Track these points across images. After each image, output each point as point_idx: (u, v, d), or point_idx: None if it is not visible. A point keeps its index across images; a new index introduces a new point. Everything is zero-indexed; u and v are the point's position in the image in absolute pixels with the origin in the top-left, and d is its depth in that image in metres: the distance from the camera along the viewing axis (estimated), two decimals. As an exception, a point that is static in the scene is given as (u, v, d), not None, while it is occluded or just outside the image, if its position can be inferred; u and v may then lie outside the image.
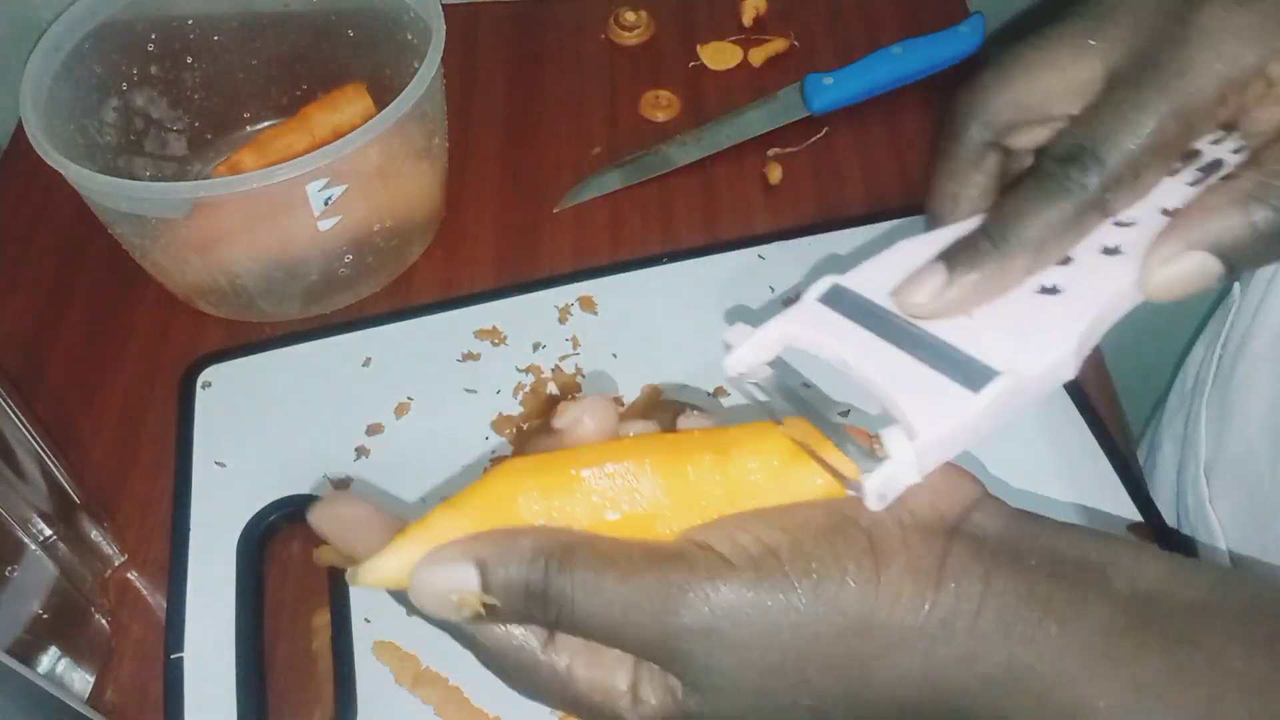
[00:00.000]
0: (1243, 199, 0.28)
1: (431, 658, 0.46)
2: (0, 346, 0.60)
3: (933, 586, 0.27)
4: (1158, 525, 0.49)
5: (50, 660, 0.45)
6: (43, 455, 0.47)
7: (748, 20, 0.76)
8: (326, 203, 0.53)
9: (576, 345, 0.57)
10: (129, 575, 0.51)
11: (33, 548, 0.45)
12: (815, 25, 0.76)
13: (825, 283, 0.32)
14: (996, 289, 0.30)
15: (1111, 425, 0.53)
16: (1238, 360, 0.46)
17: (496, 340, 0.57)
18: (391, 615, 0.47)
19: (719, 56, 0.74)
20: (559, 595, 0.27)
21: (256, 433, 0.54)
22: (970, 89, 0.34)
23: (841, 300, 0.31)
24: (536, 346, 0.57)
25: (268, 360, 0.58)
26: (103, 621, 0.49)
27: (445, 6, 0.58)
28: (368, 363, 0.57)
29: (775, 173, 0.66)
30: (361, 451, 0.53)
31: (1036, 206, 0.29)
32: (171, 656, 0.47)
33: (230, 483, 0.52)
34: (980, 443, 0.28)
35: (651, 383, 0.55)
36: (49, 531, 0.46)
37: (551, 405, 0.54)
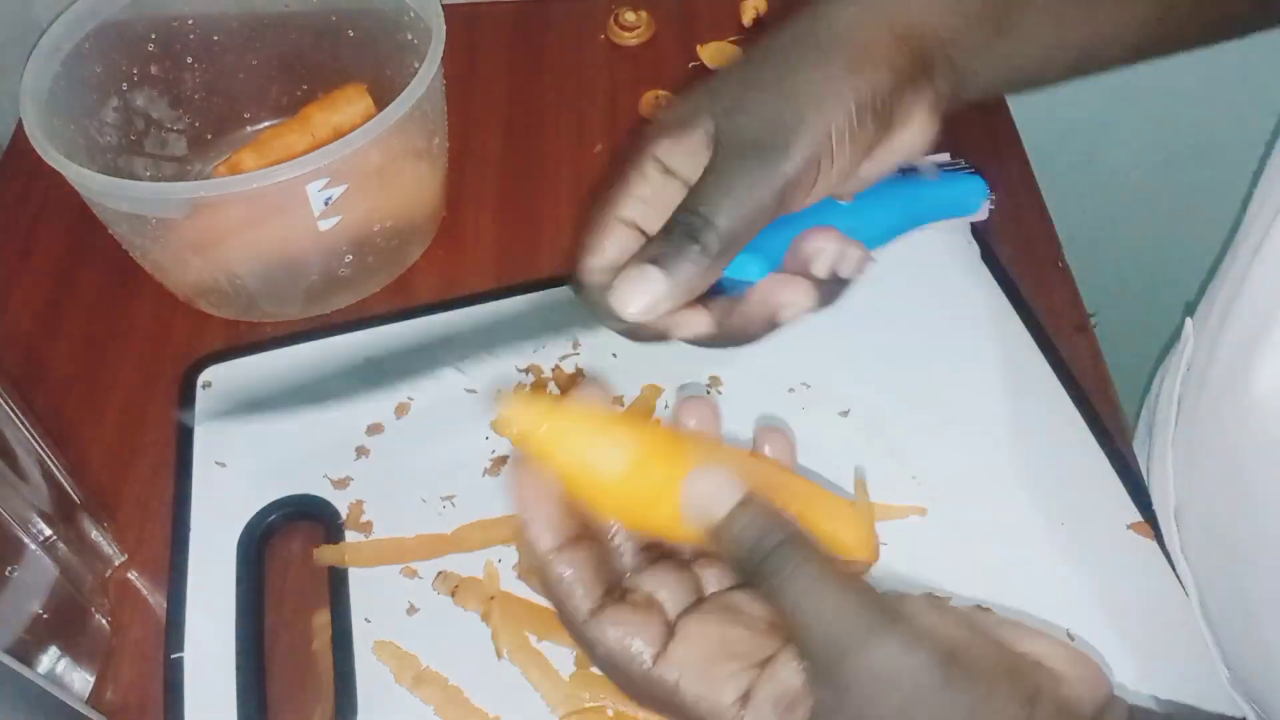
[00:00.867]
0: (665, 227, 0.36)
1: (431, 658, 0.46)
2: (0, 346, 0.60)
3: None
4: (1159, 527, 0.49)
5: (50, 660, 0.45)
6: (43, 455, 0.47)
7: (748, 20, 0.76)
8: (326, 203, 0.53)
9: (576, 345, 0.57)
10: (129, 575, 0.51)
11: (33, 548, 0.45)
12: (815, 25, 0.76)
13: None
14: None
15: (1111, 425, 0.53)
16: (1198, 402, 0.45)
17: (496, 340, 0.57)
18: (391, 615, 0.47)
19: (719, 57, 0.74)
20: (780, 563, 0.31)
21: (256, 433, 0.54)
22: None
23: None
24: (536, 347, 0.57)
25: (268, 360, 0.58)
26: (103, 621, 0.49)
27: (445, 6, 0.58)
28: (368, 363, 0.57)
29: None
30: (361, 451, 0.53)
31: (675, 266, 0.35)
32: (171, 656, 0.47)
33: (230, 483, 0.52)
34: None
35: (651, 383, 0.55)
36: (49, 531, 0.46)
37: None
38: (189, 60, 0.66)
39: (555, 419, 0.34)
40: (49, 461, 0.47)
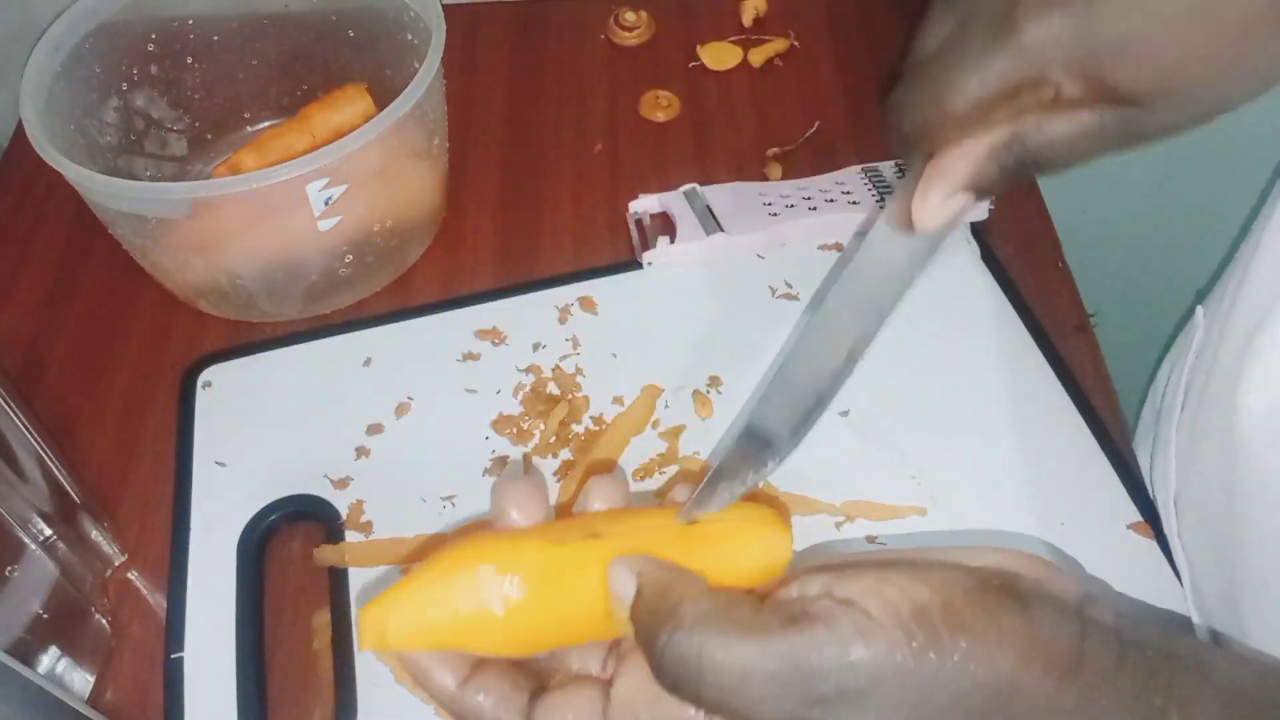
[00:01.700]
0: (995, 149, 0.33)
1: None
2: (0, 346, 0.60)
3: (1076, 658, 0.27)
4: (1158, 526, 0.49)
5: (50, 660, 0.45)
6: (43, 455, 0.47)
7: (748, 20, 0.76)
8: (326, 203, 0.53)
9: (576, 345, 0.57)
10: (129, 575, 0.51)
11: (33, 548, 0.45)
12: (815, 25, 0.76)
13: None
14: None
15: (1111, 425, 0.53)
16: (1205, 390, 0.45)
17: (496, 340, 0.57)
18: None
19: (719, 56, 0.74)
20: (681, 661, 0.27)
21: (256, 433, 0.54)
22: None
23: None
24: (536, 346, 0.57)
25: (268, 360, 0.58)
26: (103, 621, 0.49)
27: (445, 6, 0.58)
28: (368, 363, 0.57)
29: (775, 171, 0.66)
30: (361, 451, 0.53)
31: (991, 191, 0.34)
32: (171, 656, 0.47)
33: (230, 483, 0.52)
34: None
35: (651, 383, 0.55)
36: (49, 531, 0.46)
37: (551, 405, 0.54)
38: (189, 60, 0.66)
39: (411, 609, 0.32)
40: (49, 461, 0.47)
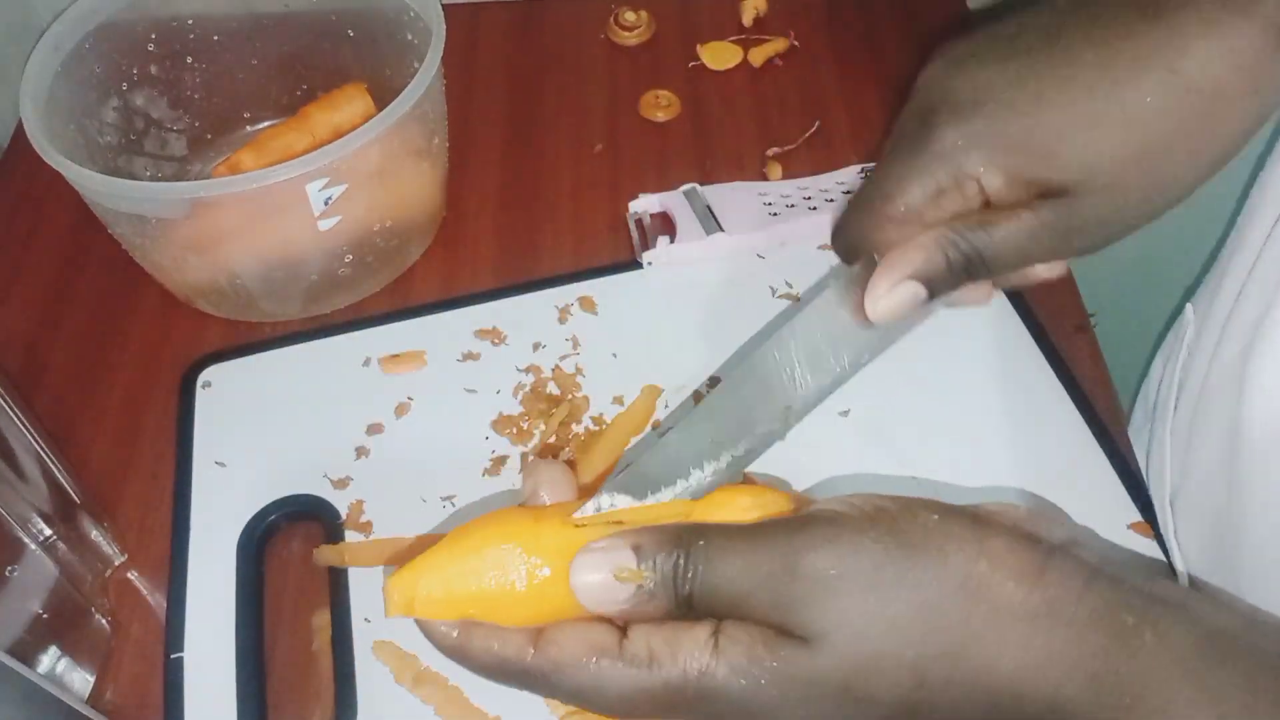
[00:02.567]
0: (941, 241, 0.36)
1: (431, 658, 0.46)
2: (0, 346, 0.60)
3: (1036, 572, 0.29)
4: (1158, 527, 0.49)
5: (50, 660, 0.45)
6: (43, 455, 0.47)
7: (748, 20, 0.76)
8: (326, 203, 0.53)
9: (576, 345, 0.57)
10: (129, 575, 0.51)
11: (33, 548, 0.45)
12: (815, 25, 0.76)
13: None
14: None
15: (1111, 425, 0.53)
16: (1202, 392, 0.45)
17: (496, 340, 0.57)
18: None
19: (719, 56, 0.74)
20: (695, 562, 0.30)
21: (256, 433, 0.54)
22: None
23: None
24: (536, 346, 0.57)
25: (268, 360, 0.58)
26: (103, 621, 0.49)
27: (445, 6, 0.58)
28: (368, 363, 0.57)
29: (775, 171, 0.66)
30: (361, 451, 0.53)
31: (943, 292, 0.37)
32: (171, 656, 0.47)
33: (230, 483, 0.52)
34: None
35: (651, 383, 0.55)
36: (49, 531, 0.46)
37: (551, 405, 0.54)
38: (189, 60, 0.66)
39: (429, 579, 0.33)
40: (49, 461, 0.47)
